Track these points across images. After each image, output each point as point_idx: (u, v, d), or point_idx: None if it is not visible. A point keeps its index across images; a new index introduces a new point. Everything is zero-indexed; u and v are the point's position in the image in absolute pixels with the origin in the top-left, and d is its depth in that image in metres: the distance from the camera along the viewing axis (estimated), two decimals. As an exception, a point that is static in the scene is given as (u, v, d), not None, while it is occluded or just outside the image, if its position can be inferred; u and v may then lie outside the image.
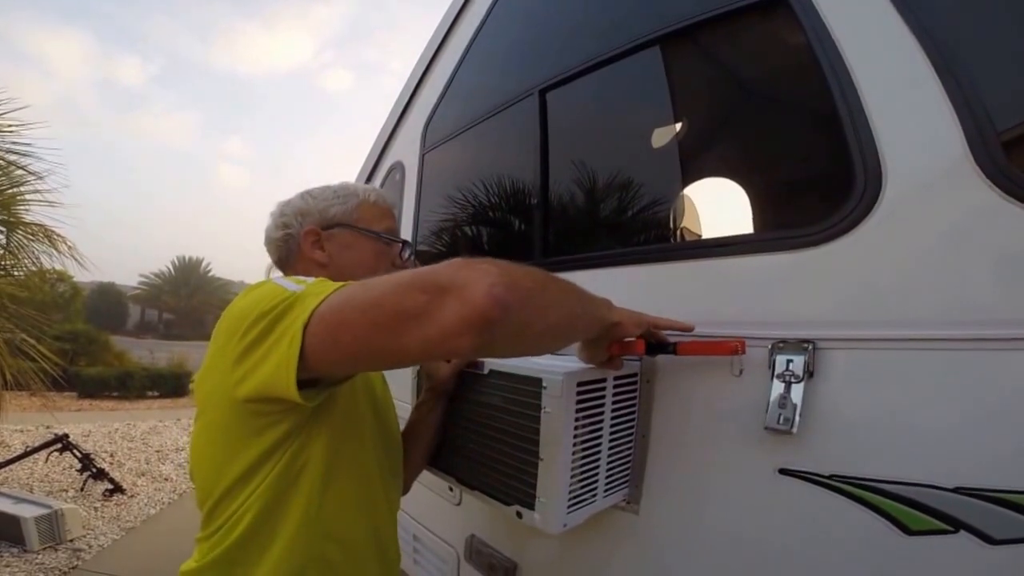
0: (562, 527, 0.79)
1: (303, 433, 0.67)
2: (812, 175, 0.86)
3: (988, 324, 0.58)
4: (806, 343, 0.69)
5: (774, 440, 0.72)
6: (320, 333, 0.53)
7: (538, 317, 0.54)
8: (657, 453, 0.90)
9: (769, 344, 0.72)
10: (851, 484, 0.66)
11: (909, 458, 0.63)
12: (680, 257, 0.93)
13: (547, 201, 1.20)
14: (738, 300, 0.80)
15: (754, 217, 1.13)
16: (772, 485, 0.73)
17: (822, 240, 0.71)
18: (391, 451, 0.86)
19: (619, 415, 0.87)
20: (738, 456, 0.78)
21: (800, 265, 0.74)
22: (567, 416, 0.75)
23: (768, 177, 0.92)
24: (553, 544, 1.11)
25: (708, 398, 0.82)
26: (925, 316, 0.62)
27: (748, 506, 0.77)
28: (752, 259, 0.79)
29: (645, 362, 0.90)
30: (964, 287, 0.60)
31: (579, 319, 0.64)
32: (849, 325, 0.67)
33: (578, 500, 0.82)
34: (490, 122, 1.43)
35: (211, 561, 0.68)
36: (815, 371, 0.69)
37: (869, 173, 0.68)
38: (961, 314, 0.60)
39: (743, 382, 0.76)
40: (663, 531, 0.89)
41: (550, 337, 0.60)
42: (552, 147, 1.21)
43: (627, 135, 1.17)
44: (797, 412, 0.68)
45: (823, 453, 0.69)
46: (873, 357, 0.66)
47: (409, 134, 1.89)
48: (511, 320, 0.48)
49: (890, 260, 0.66)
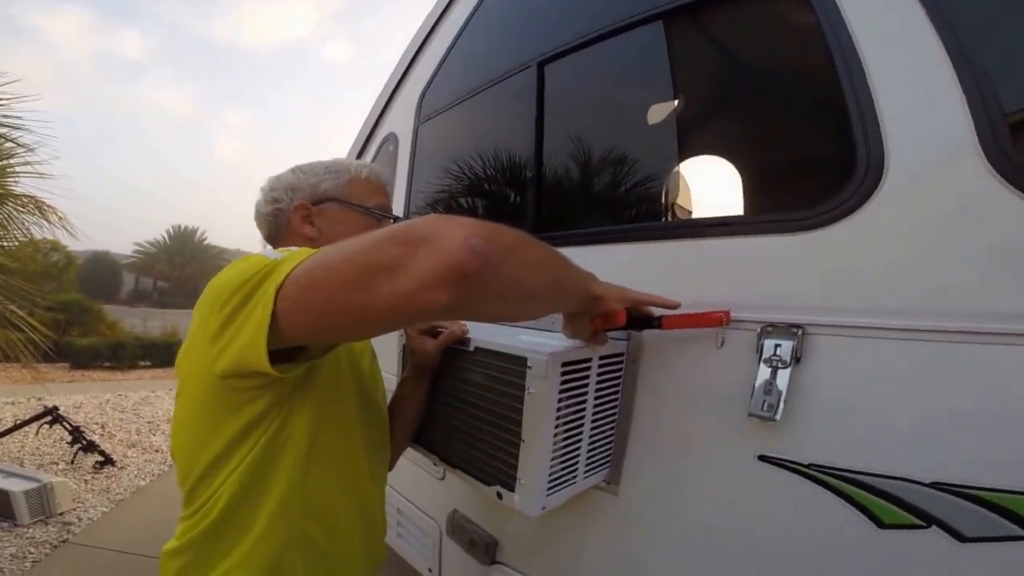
0: (541, 509, 0.79)
1: (284, 410, 0.65)
2: (812, 156, 0.84)
3: (984, 317, 0.57)
4: (795, 328, 0.68)
5: (756, 427, 0.71)
6: (292, 295, 0.51)
7: (519, 277, 0.51)
8: (639, 434, 0.89)
9: (758, 327, 0.71)
10: (829, 474, 0.66)
11: (889, 451, 0.62)
12: (671, 236, 0.91)
13: (539, 177, 1.17)
14: (729, 281, 0.79)
15: (749, 198, 1.10)
16: (751, 471, 0.73)
17: (819, 224, 0.69)
18: (377, 427, 0.85)
19: (603, 395, 0.86)
20: (719, 440, 0.78)
21: (794, 248, 0.72)
22: (551, 398, 0.74)
23: (766, 157, 0.89)
24: (534, 521, 1.11)
25: (693, 380, 0.82)
26: (918, 306, 0.61)
27: (726, 491, 0.77)
28: (745, 240, 0.78)
29: (632, 341, 0.89)
30: (961, 279, 0.59)
31: (563, 287, 0.62)
32: (839, 312, 0.66)
33: (558, 482, 0.81)
34: (487, 94, 1.40)
35: (191, 540, 0.67)
36: (802, 357, 0.68)
37: (872, 157, 0.66)
38: (956, 306, 0.59)
39: (729, 365, 0.75)
40: (641, 513, 0.89)
41: (532, 301, 0.57)
42: (548, 121, 1.17)
43: (623, 110, 1.14)
44: (782, 399, 0.67)
45: (803, 442, 0.69)
46: (862, 346, 0.65)
47: (404, 106, 1.85)
48: (489, 275, 0.46)
49: (887, 247, 0.64)
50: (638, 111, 1.10)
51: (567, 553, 1.03)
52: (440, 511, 1.41)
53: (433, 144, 1.67)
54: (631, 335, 0.89)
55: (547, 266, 0.58)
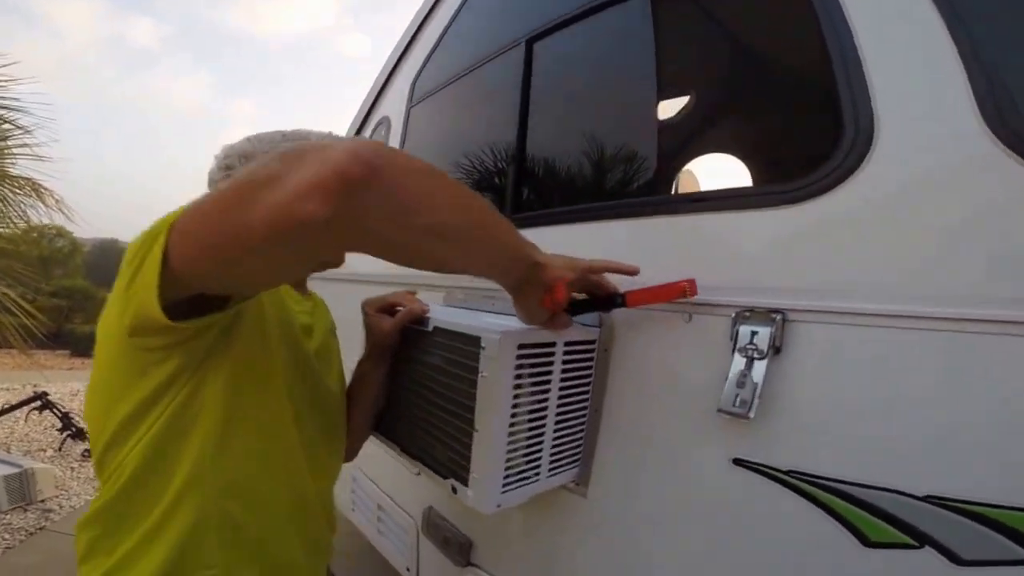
0: (495, 507, 0.72)
1: (195, 377, 0.60)
2: (795, 123, 0.77)
3: (992, 302, 0.49)
4: (775, 313, 0.61)
5: (730, 426, 0.64)
6: (179, 227, 0.47)
7: (424, 204, 0.46)
8: (609, 431, 0.82)
9: (733, 312, 0.64)
10: (809, 483, 0.58)
11: (879, 457, 0.54)
12: (640, 214, 0.84)
13: (522, 156, 1.11)
14: (702, 261, 0.72)
15: (727, 171, 1.02)
16: (726, 476, 0.65)
17: (802, 197, 0.62)
18: (324, 410, 0.79)
19: (570, 386, 0.79)
20: (692, 441, 0.70)
21: (775, 224, 0.65)
22: (504, 382, 0.68)
23: (745, 126, 0.82)
24: (508, 522, 1.04)
25: (664, 373, 0.74)
26: (915, 290, 0.54)
27: (700, 498, 0.70)
28: (720, 217, 0.71)
29: (604, 328, 0.82)
30: (965, 259, 0.51)
31: (489, 237, 0.55)
32: (824, 295, 0.59)
33: (517, 478, 0.74)
34: (476, 74, 1.35)
35: (99, 511, 0.62)
36: (783, 346, 0.61)
37: (860, 124, 0.59)
38: (959, 290, 0.51)
39: (702, 356, 0.68)
40: (610, 519, 0.82)
41: (444, 241, 0.49)
42: (534, 99, 1.12)
43: (603, 87, 1.07)
44: (756, 394, 0.60)
45: (782, 444, 0.61)
46: (850, 335, 0.57)
47: (398, 90, 1.81)
48: (380, 190, 0.41)
49: (879, 223, 0.57)
50: (617, 88, 1.03)
51: (541, 558, 0.96)
52: (417, 507, 1.35)
53: (424, 125, 1.62)
54: (603, 321, 0.83)
55: (465, 205, 0.51)
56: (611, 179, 0.96)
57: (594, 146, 1.00)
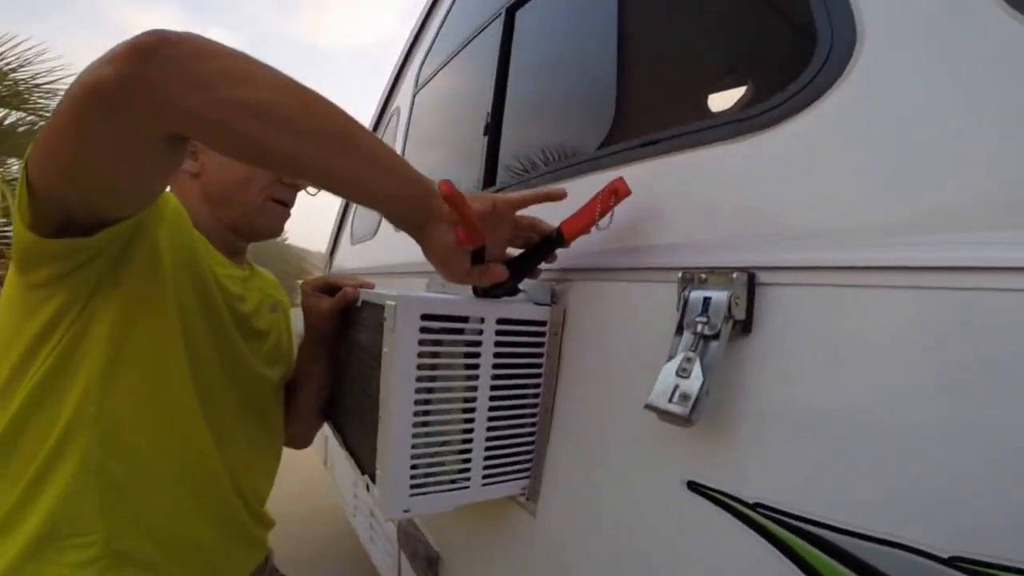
0: (401, 512, 0.59)
1: (83, 315, 0.56)
2: (753, 31, 0.59)
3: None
4: (736, 272, 0.43)
5: (683, 437, 0.47)
6: (35, 144, 0.47)
7: (229, 76, 0.42)
8: (560, 436, 0.67)
9: (679, 273, 0.48)
10: (786, 525, 0.39)
11: (888, 496, 0.34)
12: (581, 172, 0.69)
13: (497, 129, 1.00)
14: (644, 216, 0.56)
15: (675, 101, 0.77)
16: (678, 503, 0.48)
17: (765, 124, 0.45)
18: (243, 381, 0.72)
19: (511, 375, 0.65)
20: (643, 456, 0.54)
21: (733, 161, 0.48)
22: (403, 359, 0.55)
23: (689, 43, 0.63)
24: (477, 537, 0.91)
25: (619, 362, 0.58)
26: (925, 237, 0.34)
27: (652, 534, 0.52)
28: (665, 161, 0.55)
29: (555, 308, 0.67)
30: (986, 189, 0.32)
31: (355, 147, 0.48)
32: (812, 245, 0.40)
33: (433, 481, 0.61)
34: (466, 51, 1.27)
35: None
36: (753, 321, 0.44)
37: (836, 21, 0.42)
38: (986, 235, 0.32)
39: (657, 341, 0.51)
40: (561, 546, 0.66)
41: (267, 121, 0.43)
42: (513, 67, 1.00)
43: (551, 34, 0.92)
44: (705, 388, 0.42)
45: (749, 466, 0.43)
46: (842, 302, 0.38)
47: (408, 79, 1.78)
48: (170, 55, 0.39)
49: (870, 149, 0.38)
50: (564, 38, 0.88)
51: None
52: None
53: (425, 109, 1.58)
54: (556, 297, 0.68)
55: (295, 91, 0.45)
56: (568, 138, 0.81)
57: (553, 103, 0.86)
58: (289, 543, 2.50)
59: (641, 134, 0.59)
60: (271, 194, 0.72)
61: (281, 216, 0.75)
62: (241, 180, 0.70)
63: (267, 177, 0.72)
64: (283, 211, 0.75)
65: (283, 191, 0.74)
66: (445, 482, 0.63)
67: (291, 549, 2.46)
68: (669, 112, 0.58)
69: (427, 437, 0.61)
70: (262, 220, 0.73)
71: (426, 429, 0.60)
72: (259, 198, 0.71)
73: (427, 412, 0.60)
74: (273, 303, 0.83)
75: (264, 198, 0.72)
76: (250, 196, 0.71)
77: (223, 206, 0.71)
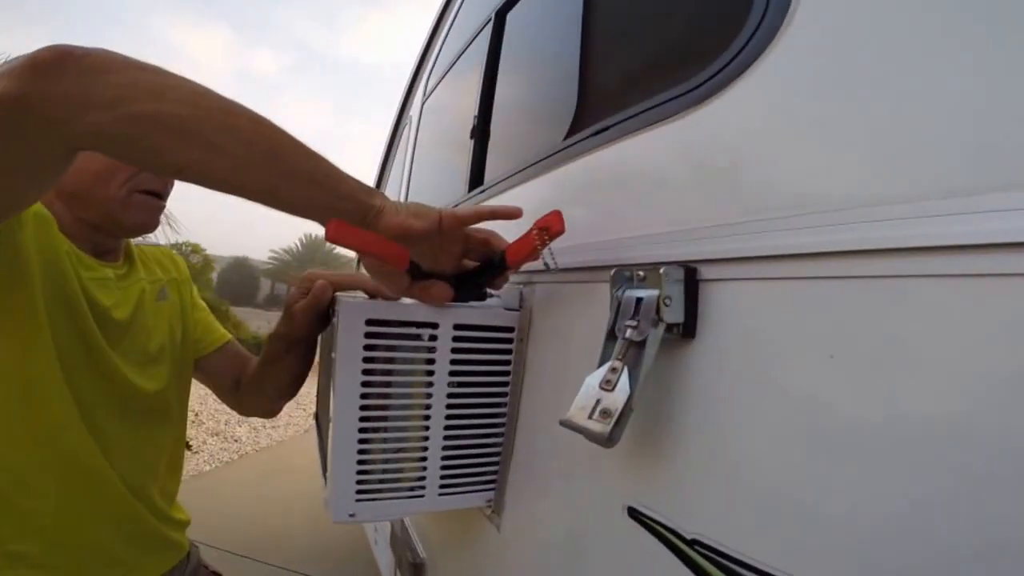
0: (347, 516, 0.58)
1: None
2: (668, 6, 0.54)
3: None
4: (665, 266, 0.38)
5: (619, 455, 0.43)
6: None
7: (137, 89, 0.40)
8: (523, 448, 0.64)
9: (612, 271, 0.45)
10: (725, 570, 0.34)
11: (857, 536, 0.28)
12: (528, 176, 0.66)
13: (485, 131, 0.99)
14: (589, 212, 0.53)
15: (618, 91, 0.67)
16: (620, 529, 0.44)
17: (690, 103, 0.41)
18: (124, 394, 0.68)
19: (473, 383, 0.63)
20: (591, 476, 0.50)
21: (660, 146, 0.44)
22: (350, 363, 0.54)
23: (628, 30, 0.58)
24: (451, 549, 0.89)
25: (571, 370, 0.55)
26: (892, 211, 0.26)
27: (598, 557, 0.48)
28: (596, 156, 0.51)
29: (523, 312, 0.65)
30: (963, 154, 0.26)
31: (275, 159, 0.45)
32: (761, 233, 0.34)
33: (383, 487, 0.60)
34: (464, 56, 1.27)
35: None
36: (697, 325, 0.40)
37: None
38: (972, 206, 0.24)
39: (600, 346, 0.48)
40: (522, 562, 0.63)
41: (174, 134, 0.41)
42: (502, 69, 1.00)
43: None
44: (628, 401, 0.37)
45: (688, 495, 0.38)
46: (814, 294, 0.31)
47: (419, 90, 1.81)
48: (72, 70, 0.39)
49: (813, 117, 0.32)
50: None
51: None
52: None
53: (431, 117, 1.59)
54: (524, 301, 0.66)
55: (202, 102, 0.43)
56: (536, 139, 0.79)
57: (527, 105, 0.84)
58: (306, 541, 2.54)
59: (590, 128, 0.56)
60: (137, 185, 0.66)
61: (153, 209, 0.69)
62: (100, 173, 0.64)
63: (130, 168, 0.65)
64: (154, 203, 0.68)
65: (153, 181, 0.67)
66: (402, 489, 0.62)
67: (307, 546, 2.50)
68: (614, 101, 0.56)
69: (382, 443, 0.59)
70: (130, 215, 0.66)
71: (379, 435, 0.59)
72: (122, 191, 0.65)
73: (382, 418, 0.59)
74: (160, 289, 0.78)
75: (129, 190, 0.65)
76: (111, 190, 0.64)
77: (81, 203, 0.64)
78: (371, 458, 0.58)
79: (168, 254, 0.84)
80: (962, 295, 0.25)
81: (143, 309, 0.73)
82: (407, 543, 1.11)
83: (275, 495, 3.18)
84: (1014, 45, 0.25)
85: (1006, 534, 0.22)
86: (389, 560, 1.34)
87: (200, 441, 4.44)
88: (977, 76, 0.26)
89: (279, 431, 5.05)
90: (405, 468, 0.61)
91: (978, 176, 0.25)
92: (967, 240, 0.24)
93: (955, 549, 0.24)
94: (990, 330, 0.24)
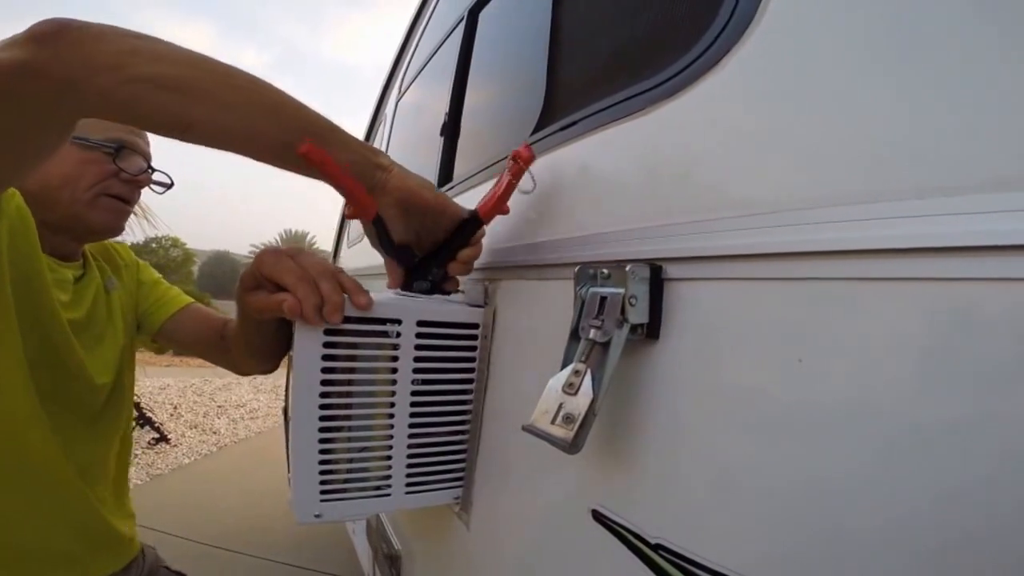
0: (312, 517, 0.56)
1: None
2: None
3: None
4: (631, 264, 0.37)
5: (585, 456, 0.43)
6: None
7: (137, 54, 0.41)
8: (488, 447, 0.63)
9: (575, 269, 0.44)
10: (685, 571, 0.34)
11: (823, 554, 0.27)
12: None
13: (456, 129, 0.97)
14: (552, 208, 0.52)
15: (587, 85, 0.66)
16: (586, 531, 0.43)
17: (656, 99, 0.40)
18: (83, 388, 0.69)
19: (438, 380, 0.62)
20: (556, 477, 0.49)
21: (625, 142, 0.43)
22: (308, 360, 0.52)
23: (602, 23, 0.57)
24: (424, 544, 0.88)
25: (537, 370, 0.54)
26: (886, 208, 0.25)
27: (562, 559, 0.48)
28: (561, 152, 0.50)
29: (487, 309, 0.64)
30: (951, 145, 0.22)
31: (280, 113, 0.46)
32: (707, 233, 0.34)
33: (352, 487, 0.58)
34: (437, 55, 1.25)
35: None
36: (661, 326, 0.40)
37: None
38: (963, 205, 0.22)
39: (564, 345, 0.47)
40: (489, 561, 0.63)
41: (175, 92, 0.42)
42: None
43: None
44: (592, 405, 0.36)
45: (653, 498, 0.37)
46: (791, 297, 0.30)
47: (394, 87, 1.78)
48: (73, 40, 0.39)
49: (779, 116, 0.30)
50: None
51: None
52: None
53: (404, 113, 1.57)
54: (488, 297, 0.65)
55: (235, 79, 0.44)
56: (509, 136, 0.78)
57: (498, 101, 0.83)
58: (287, 532, 2.51)
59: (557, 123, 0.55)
60: (105, 190, 0.67)
61: (119, 212, 0.70)
62: (68, 176, 0.65)
63: (99, 173, 0.67)
64: (121, 207, 0.70)
65: (120, 187, 0.68)
66: (368, 488, 0.60)
67: (288, 537, 2.47)
68: (580, 98, 0.55)
69: (346, 442, 0.58)
70: (96, 217, 0.67)
71: (342, 434, 0.57)
72: (88, 195, 0.66)
73: (345, 416, 0.57)
74: (107, 279, 0.78)
75: (96, 194, 0.66)
76: (78, 193, 0.65)
77: (45, 206, 0.64)
78: (335, 457, 0.57)
79: (104, 246, 0.83)
80: (885, 297, 0.24)
81: (97, 305, 0.74)
82: (383, 535, 1.10)
83: (255, 487, 3.13)
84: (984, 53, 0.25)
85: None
86: (367, 550, 1.33)
87: (179, 434, 4.35)
88: (939, 84, 0.26)
89: (257, 423, 4.97)
90: (370, 467, 0.60)
91: (929, 179, 0.25)
92: (897, 244, 0.24)
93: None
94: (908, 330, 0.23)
